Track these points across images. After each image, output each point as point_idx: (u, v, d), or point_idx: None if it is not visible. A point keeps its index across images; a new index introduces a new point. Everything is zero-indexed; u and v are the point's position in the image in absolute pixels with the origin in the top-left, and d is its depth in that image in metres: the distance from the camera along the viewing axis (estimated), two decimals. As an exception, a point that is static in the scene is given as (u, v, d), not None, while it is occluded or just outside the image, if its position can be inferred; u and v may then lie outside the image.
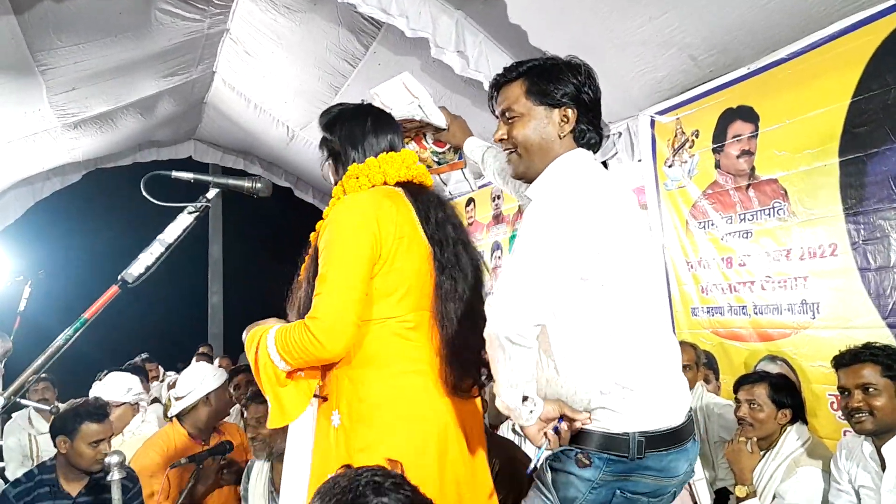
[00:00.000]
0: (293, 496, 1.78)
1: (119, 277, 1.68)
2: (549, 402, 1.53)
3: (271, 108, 6.00)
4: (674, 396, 1.57)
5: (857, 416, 2.18)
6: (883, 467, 2.16)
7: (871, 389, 2.16)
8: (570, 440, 1.54)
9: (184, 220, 1.76)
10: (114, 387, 3.59)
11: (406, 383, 1.69)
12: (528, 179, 1.67)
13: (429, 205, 1.81)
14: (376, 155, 1.84)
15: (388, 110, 2.09)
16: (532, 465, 1.56)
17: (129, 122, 5.74)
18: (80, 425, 2.52)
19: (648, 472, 1.50)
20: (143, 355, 6.50)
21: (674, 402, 1.56)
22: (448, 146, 2.22)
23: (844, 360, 2.27)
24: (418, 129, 2.22)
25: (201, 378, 3.06)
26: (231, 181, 1.84)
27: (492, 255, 5.71)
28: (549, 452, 1.56)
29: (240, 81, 5.74)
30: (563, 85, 1.61)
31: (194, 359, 6.10)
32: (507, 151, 1.69)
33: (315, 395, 1.73)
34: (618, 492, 1.50)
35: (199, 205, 1.77)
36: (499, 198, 5.67)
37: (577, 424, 1.51)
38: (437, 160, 2.25)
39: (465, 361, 1.73)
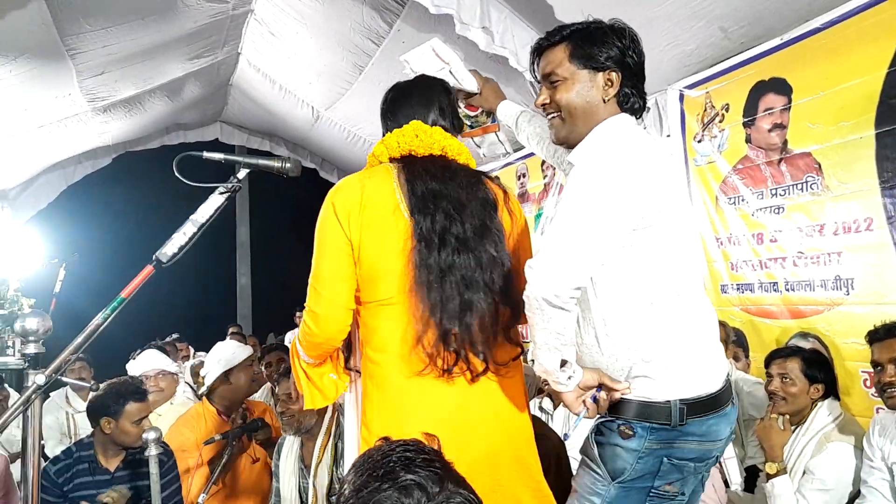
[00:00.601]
0: None
1: (154, 257, 1.70)
2: (588, 370, 1.53)
3: (296, 88, 6.01)
4: (712, 362, 1.56)
5: (889, 391, 2.16)
6: (918, 444, 2.13)
7: None
8: (611, 410, 1.54)
9: (216, 201, 1.78)
10: (150, 361, 3.68)
11: (386, 370, 1.66)
12: (571, 145, 1.65)
13: (417, 176, 1.69)
14: (394, 129, 1.81)
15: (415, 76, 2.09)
16: (568, 432, 1.57)
17: (157, 105, 5.80)
18: (124, 406, 2.59)
19: (692, 437, 1.50)
20: (175, 335, 6.63)
21: (712, 368, 1.56)
22: (480, 110, 2.20)
23: (878, 335, 2.23)
24: None
25: (219, 357, 3.13)
26: (261, 161, 1.85)
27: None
28: (589, 422, 1.57)
29: (265, 63, 5.76)
30: (607, 48, 1.59)
31: (227, 338, 6.19)
32: (550, 116, 1.67)
33: (349, 369, 1.83)
34: (665, 459, 1.50)
35: (230, 185, 1.79)
36: (524, 176, 5.63)
37: (617, 395, 1.51)
38: (469, 124, 2.23)
39: (434, 336, 1.61)
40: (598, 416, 1.56)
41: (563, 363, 1.48)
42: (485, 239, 1.67)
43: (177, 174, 1.71)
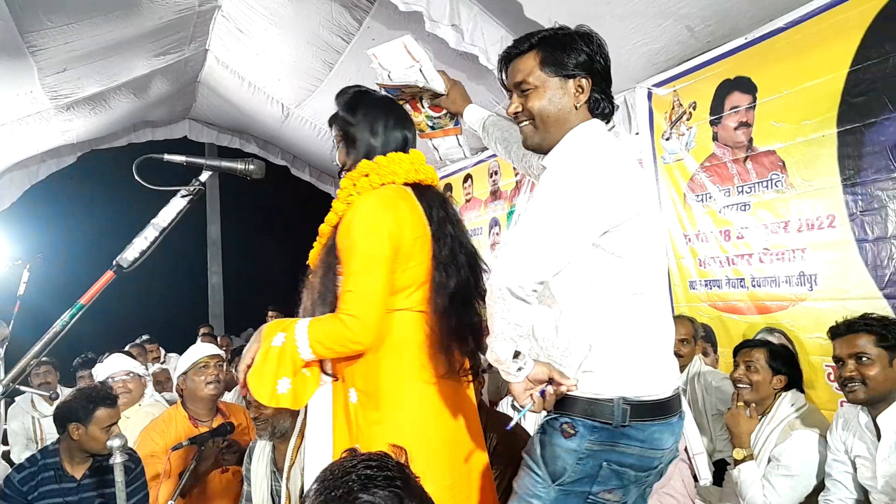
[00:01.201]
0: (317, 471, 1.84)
1: (114, 262, 1.67)
2: (539, 363, 1.55)
3: (265, 86, 5.94)
4: (662, 368, 1.58)
5: (850, 385, 2.20)
6: (878, 437, 2.18)
7: (864, 359, 2.18)
8: (557, 407, 1.55)
9: (177, 204, 1.75)
10: (117, 364, 3.62)
11: (408, 370, 1.83)
12: (543, 151, 1.68)
13: (432, 204, 1.91)
14: (388, 151, 1.92)
15: (384, 72, 2.06)
16: (512, 423, 1.58)
17: (123, 102, 5.69)
18: (94, 412, 2.54)
19: (633, 442, 1.52)
20: (144, 336, 6.53)
21: (661, 374, 1.58)
22: (444, 112, 2.19)
23: (840, 331, 2.28)
24: (415, 93, 2.18)
25: (177, 365, 3.11)
26: (224, 163, 1.83)
27: (489, 231, 5.70)
28: (532, 416, 1.58)
29: (233, 59, 5.68)
30: (576, 55, 1.61)
31: (198, 339, 6.13)
32: (522, 123, 1.69)
33: (327, 374, 1.85)
34: (604, 463, 1.52)
35: (192, 188, 1.76)
36: (496, 174, 5.64)
37: (563, 389, 1.52)
38: (430, 125, 2.22)
39: (451, 349, 1.85)
40: (545, 412, 1.57)
41: (517, 354, 1.50)
42: (475, 259, 1.97)
43: (136, 177, 1.68)
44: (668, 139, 3.75)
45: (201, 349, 3.21)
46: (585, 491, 1.52)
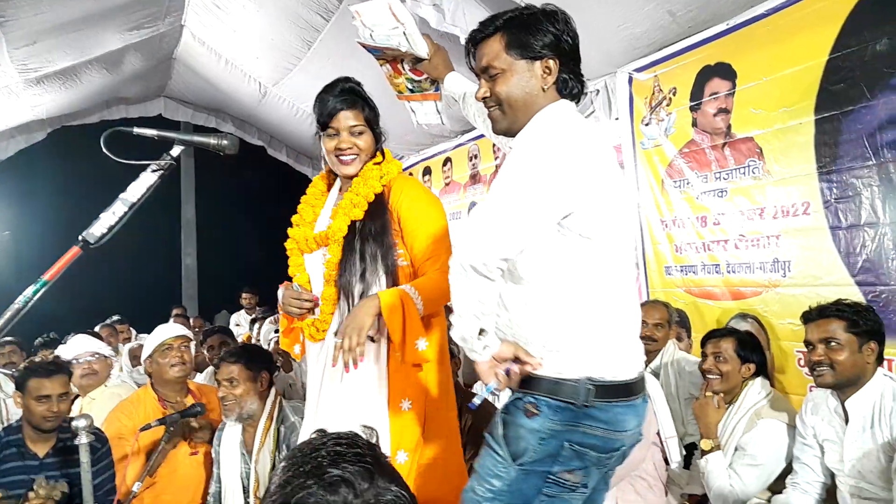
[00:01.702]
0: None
1: (80, 238, 1.62)
2: (504, 342, 1.54)
3: (242, 63, 5.84)
4: (627, 351, 1.58)
5: (818, 369, 2.22)
6: (846, 421, 2.21)
7: (833, 344, 2.20)
8: (521, 386, 1.54)
9: (147, 179, 1.70)
10: (81, 345, 3.55)
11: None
12: (512, 135, 1.65)
13: None
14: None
15: (366, 31, 2.02)
16: (476, 400, 1.57)
17: (95, 77, 5.56)
18: (28, 380, 2.50)
19: (596, 423, 1.51)
20: (115, 317, 6.43)
21: (626, 357, 1.57)
22: (426, 76, 2.16)
23: (812, 316, 2.30)
24: (397, 55, 2.14)
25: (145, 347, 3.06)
26: (196, 138, 1.78)
27: (469, 215, 5.69)
28: (499, 394, 1.58)
29: (210, 36, 5.57)
30: (542, 35, 1.57)
31: (170, 321, 6.05)
32: (490, 108, 1.66)
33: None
34: (566, 443, 1.50)
35: (162, 163, 1.71)
36: (476, 157, 5.62)
37: (528, 368, 1.52)
38: (410, 87, 2.19)
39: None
40: (509, 390, 1.57)
41: (481, 332, 1.49)
42: None
43: (104, 150, 1.63)
44: (647, 125, 3.75)
45: (165, 330, 3.14)
46: (546, 471, 1.51)
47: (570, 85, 1.61)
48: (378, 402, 1.94)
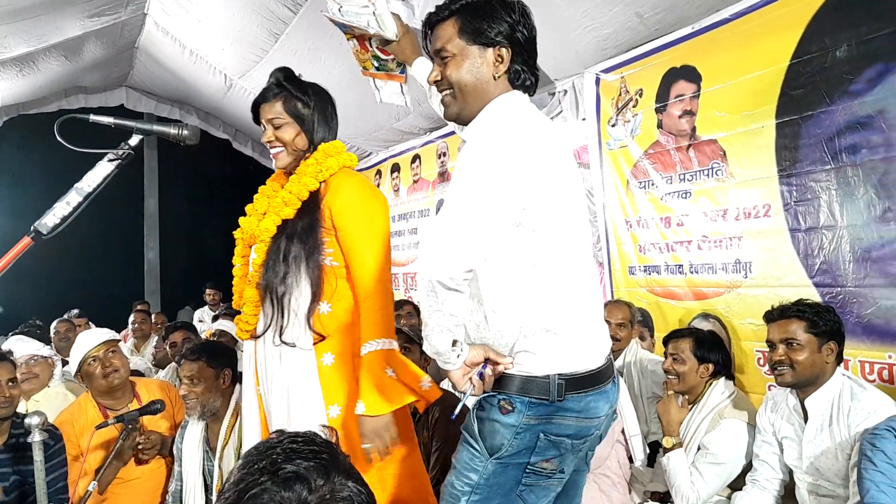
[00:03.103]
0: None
1: (32, 228, 1.57)
2: (473, 346, 1.54)
3: (207, 54, 5.72)
4: (593, 340, 1.59)
5: (779, 368, 2.26)
6: (805, 419, 2.25)
7: (793, 344, 2.23)
8: (494, 385, 1.55)
9: (104, 168, 1.65)
10: (19, 347, 3.39)
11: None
12: (462, 121, 1.66)
13: None
14: (334, 138, 2.05)
15: (335, 6, 2.00)
16: (457, 411, 1.57)
17: (53, 65, 5.40)
18: None
19: (570, 413, 1.52)
20: (75, 311, 6.27)
21: (593, 346, 1.58)
22: (392, 57, 2.14)
23: (773, 316, 2.34)
24: (364, 33, 2.11)
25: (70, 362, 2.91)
26: (156, 127, 1.74)
27: (436, 213, 5.68)
28: (473, 399, 1.57)
29: (174, 26, 5.44)
30: (497, 23, 1.57)
31: (132, 316, 5.92)
32: (442, 92, 1.65)
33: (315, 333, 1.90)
34: (541, 435, 1.51)
35: (120, 152, 1.66)
36: (444, 155, 5.61)
37: (501, 368, 1.52)
38: (376, 65, 2.16)
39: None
40: (484, 392, 1.57)
41: (454, 343, 1.48)
42: None
43: (58, 138, 1.57)
44: (613, 125, 3.78)
45: (86, 341, 2.90)
46: (523, 462, 1.53)
47: (523, 77, 1.61)
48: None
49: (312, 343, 1.90)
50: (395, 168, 6.36)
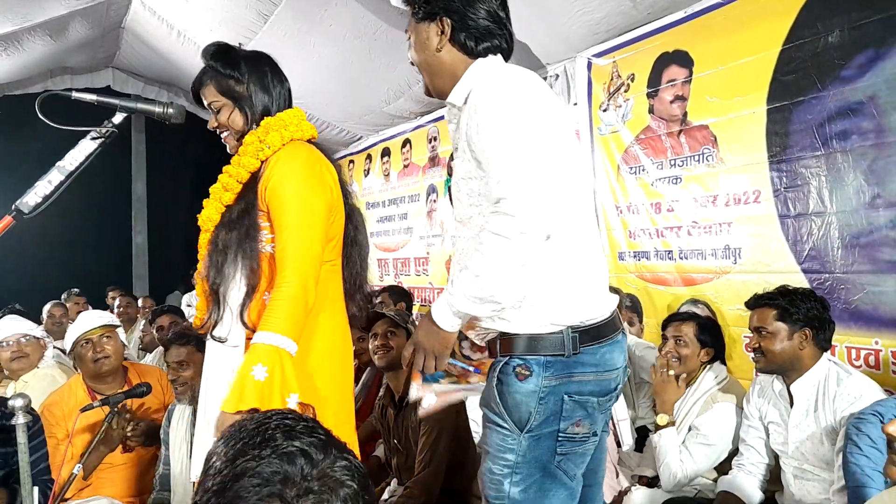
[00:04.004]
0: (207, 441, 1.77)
1: (13, 207, 1.55)
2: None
3: (196, 36, 5.64)
4: (599, 294, 1.59)
5: (755, 355, 2.31)
6: (791, 404, 2.27)
7: (762, 332, 2.27)
8: (505, 350, 1.54)
9: (87, 147, 1.63)
10: (9, 327, 3.36)
11: (340, 322, 1.92)
12: (437, 96, 1.68)
13: (333, 163, 1.95)
14: (282, 108, 1.89)
15: None
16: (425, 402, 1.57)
17: (38, 45, 5.31)
18: None
19: (588, 368, 1.52)
20: (74, 290, 6.26)
21: (599, 298, 1.58)
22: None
23: (750, 304, 2.37)
24: None
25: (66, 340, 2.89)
26: (140, 105, 1.72)
27: (427, 198, 5.65)
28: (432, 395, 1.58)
29: (161, 5, 5.36)
30: None
31: (108, 300, 5.88)
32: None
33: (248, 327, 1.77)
34: (566, 397, 1.51)
35: (103, 130, 1.64)
36: (435, 139, 5.57)
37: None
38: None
39: (357, 300, 1.99)
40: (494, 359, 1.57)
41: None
42: (362, 220, 2.06)
43: (39, 115, 1.55)
44: (605, 110, 3.76)
45: (83, 322, 2.89)
46: (554, 430, 1.51)
47: (469, 45, 1.59)
48: None
49: (245, 337, 1.75)
50: (386, 152, 6.32)
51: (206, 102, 1.90)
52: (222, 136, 1.93)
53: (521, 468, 1.52)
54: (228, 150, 1.94)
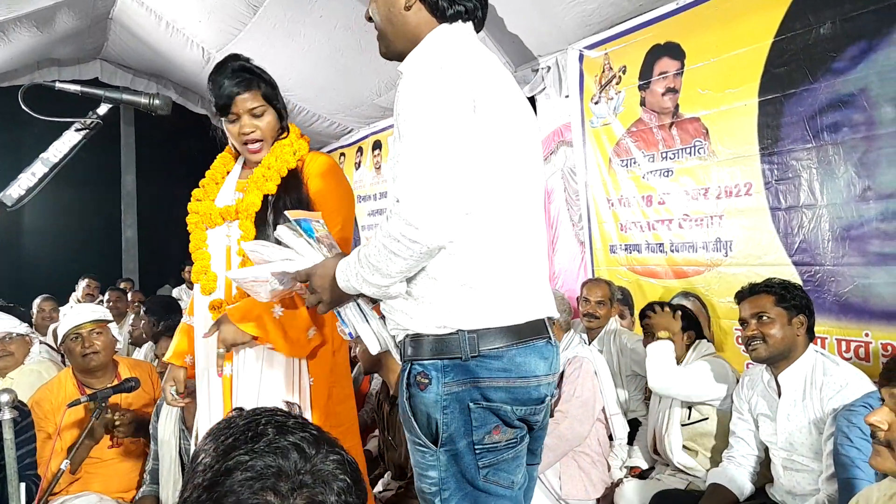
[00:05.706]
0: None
1: (-5, 199, 1.52)
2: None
3: (185, 27, 5.59)
4: (520, 295, 1.40)
5: (752, 343, 2.29)
6: (780, 394, 2.27)
7: (764, 318, 2.26)
8: (409, 353, 1.40)
9: (71, 138, 1.61)
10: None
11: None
12: (393, 59, 1.53)
13: None
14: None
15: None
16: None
17: (24, 36, 5.24)
18: None
19: (495, 373, 1.35)
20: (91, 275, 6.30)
21: (518, 301, 1.40)
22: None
23: (744, 294, 2.37)
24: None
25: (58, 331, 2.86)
26: (125, 96, 1.69)
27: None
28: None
29: (149, -4, 5.31)
30: None
31: (106, 293, 5.85)
32: (377, 33, 1.54)
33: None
34: (471, 405, 1.35)
35: (88, 121, 1.61)
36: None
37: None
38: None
39: None
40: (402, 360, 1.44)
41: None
42: None
43: (22, 106, 1.52)
44: (597, 103, 3.75)
45: (75, 316, 2.84)
46: (469, 443, 1.36)
47: (441, 5, 1.44)
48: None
49: None
50: (377, 145, 6.29)
51: (247, 107, 1.91)
52: (255, 144, 1.94)
53: (447, 484, 1.37)
54: (254, 158, 1.96)
